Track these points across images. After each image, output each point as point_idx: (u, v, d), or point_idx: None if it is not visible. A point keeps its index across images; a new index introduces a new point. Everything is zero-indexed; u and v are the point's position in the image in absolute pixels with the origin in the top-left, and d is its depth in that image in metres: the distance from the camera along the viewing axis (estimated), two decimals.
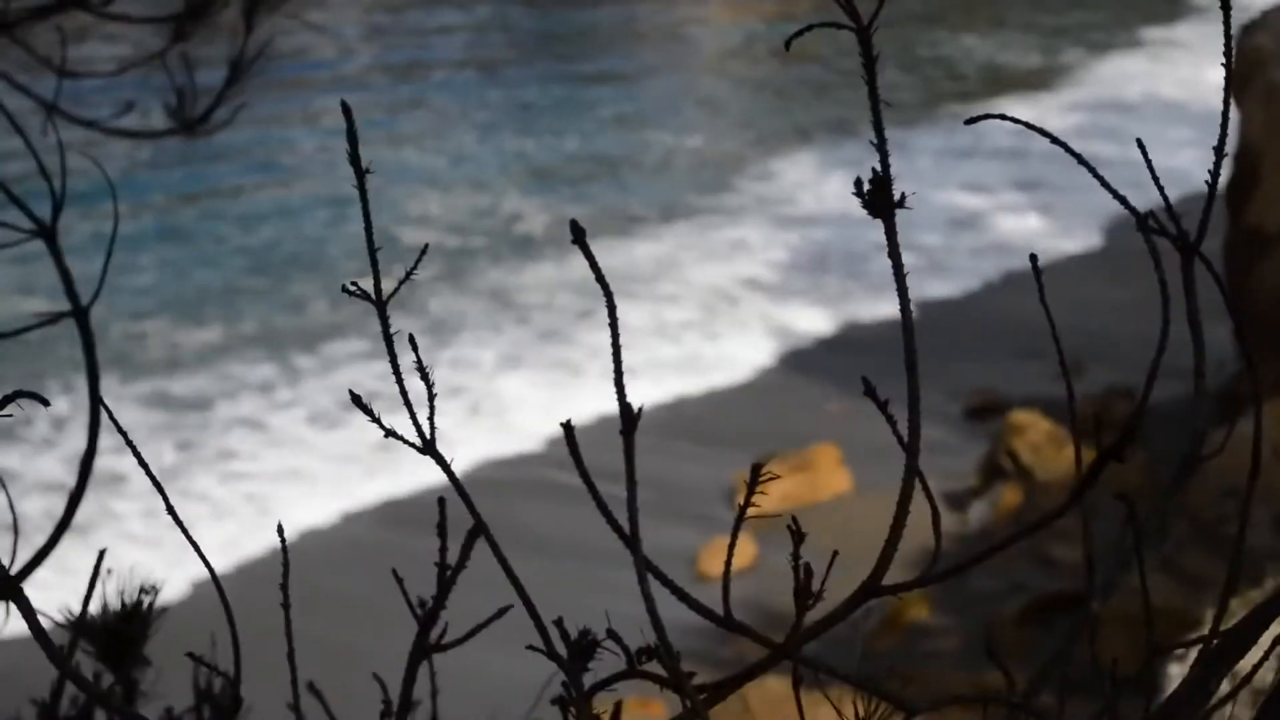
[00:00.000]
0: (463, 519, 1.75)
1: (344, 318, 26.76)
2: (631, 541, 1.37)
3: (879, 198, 1.56)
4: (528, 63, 46.29)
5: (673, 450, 21.75)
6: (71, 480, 2.15)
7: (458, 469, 1.63)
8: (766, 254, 30.62)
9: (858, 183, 1.57)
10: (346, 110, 1.53)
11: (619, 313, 1.53)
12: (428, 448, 1.58)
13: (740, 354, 25.74)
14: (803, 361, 25.31)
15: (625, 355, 1.54)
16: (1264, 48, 21.44)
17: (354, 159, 1.50)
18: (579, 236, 1.58)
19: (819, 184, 34.61)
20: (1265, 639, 1.71)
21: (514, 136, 38.65)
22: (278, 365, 25.36)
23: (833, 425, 22.18)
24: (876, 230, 1.65)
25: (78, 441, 22.16)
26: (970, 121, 1.65)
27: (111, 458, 20.19)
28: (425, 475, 19.20)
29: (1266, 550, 14.00)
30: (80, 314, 1.91)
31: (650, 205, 33.61)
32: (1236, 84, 21.59)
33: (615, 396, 1.49)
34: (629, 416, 1.42)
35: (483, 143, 38.21)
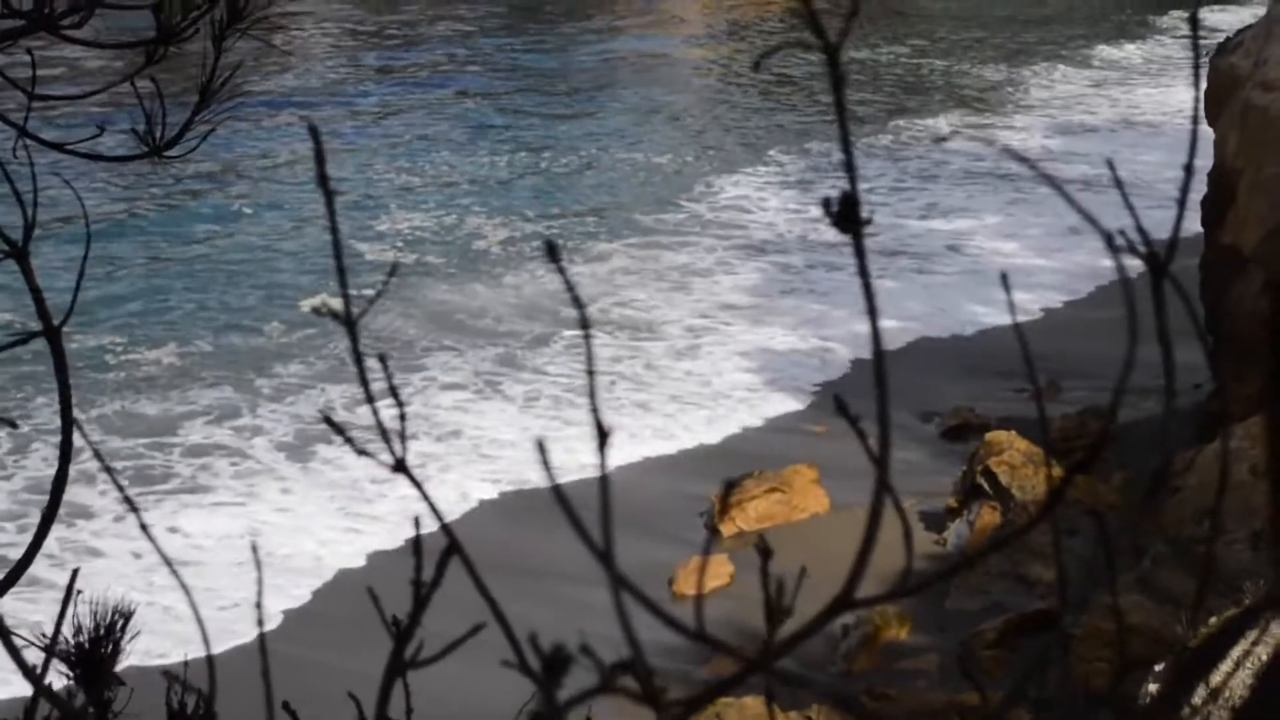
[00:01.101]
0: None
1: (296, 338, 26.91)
2: (605, 557, 1.37)
3: (847, 216, 1.57)
4: (504, 87, 46.52)
5: (652, 471, 21.79)
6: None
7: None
8: (736, 268, 30.79)
9: (825, 202, 1.58)
10: (314, 132, 1.53)
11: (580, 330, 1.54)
12: (399, 466, 1.59)
13: (716, 375, 25.76)
14: (783, 382, 25.33)
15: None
16: (1239, 67, 21.52)
17: (321, 179, 1.50)
18: (555, 257, 1.59)
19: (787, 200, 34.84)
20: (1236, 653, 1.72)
21: (487, 155, 38.94)
22: (239, 389, 25.23)
23: (814, 445, 22.23)
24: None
25: (36, 467, 21.86)
26: (939, 140, 1.66)
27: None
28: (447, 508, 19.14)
29: (1245, 568, 14.02)
30: (52, 334, 1.91)
31: (614, 222, 33.82)
32: (1211, 104, 21.69)
33: (590, 413, 1.50)
34: (602, 433, 1.43)
35: (455, 162, 38.45)
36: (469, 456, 22.73)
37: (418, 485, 1.58)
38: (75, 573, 1.87)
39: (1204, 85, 21.94)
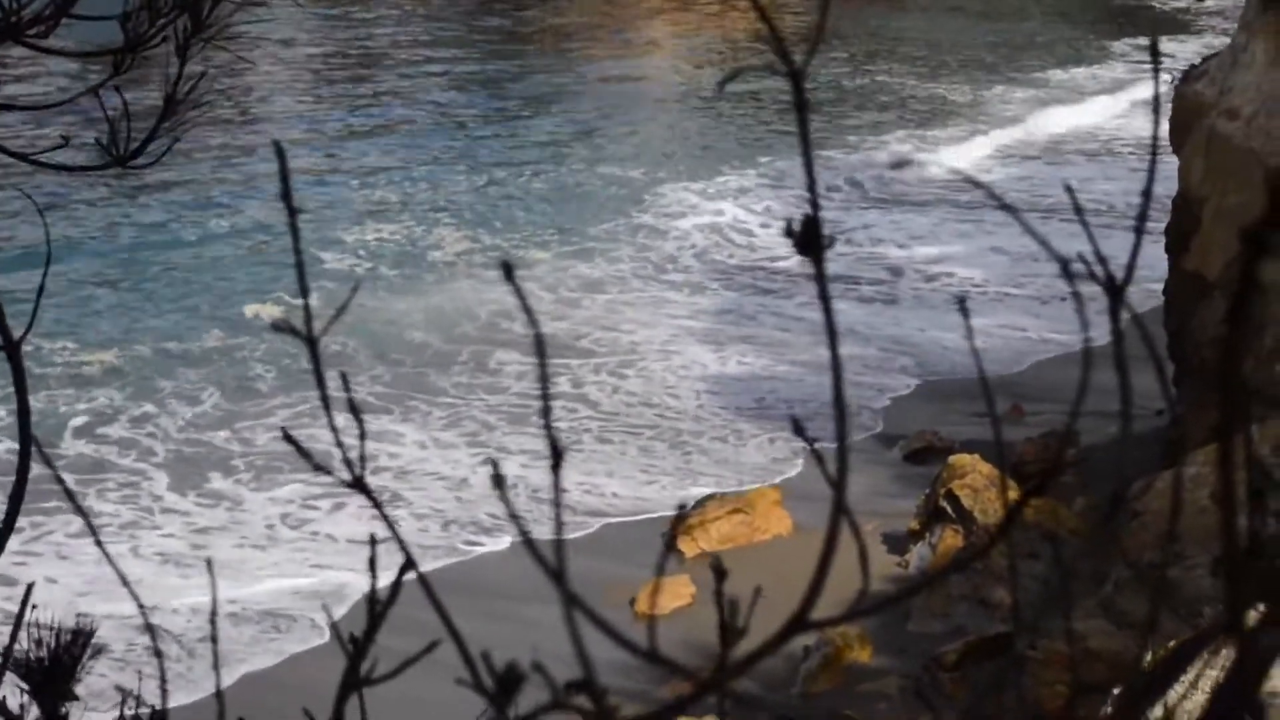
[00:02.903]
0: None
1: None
2: (558, 576, 1.38)
3: (809, 240, 1.58)
4: (478, 110, 46.74)
5: (615, 493, 21.77)
6: None
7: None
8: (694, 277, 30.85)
9: (787, 224, 1.58)
10: (279, 150, 1.54)
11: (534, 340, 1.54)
12: (356, 482, 1.59)
13: (673, 395, 25.75)
14: (743, 403, 25.34)
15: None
16: (1203, 95, 21.64)
17: (285, 197, 1.51)
18: (509, 275, 1.59)
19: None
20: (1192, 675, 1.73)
21: (463, 174, 39.19)
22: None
23: (778, 467, 22.28)
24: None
25: None
26: (896, 167, 1.67)
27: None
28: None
29: (1205, 594, 14.07)
30: (12, 349, 1.91)
31: (571, 238, 33.99)
32: (1175, 131, 21.81)
33: (544, 431, 1.50)
34: (556, 452, 1.43)
35: (432, 177, 38.75)
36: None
37: (375, 502, 1.59)
38: (30, 588, 1.86)
39: (1166, 112, 22.07)
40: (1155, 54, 2.13)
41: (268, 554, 20.15)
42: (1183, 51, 45.72)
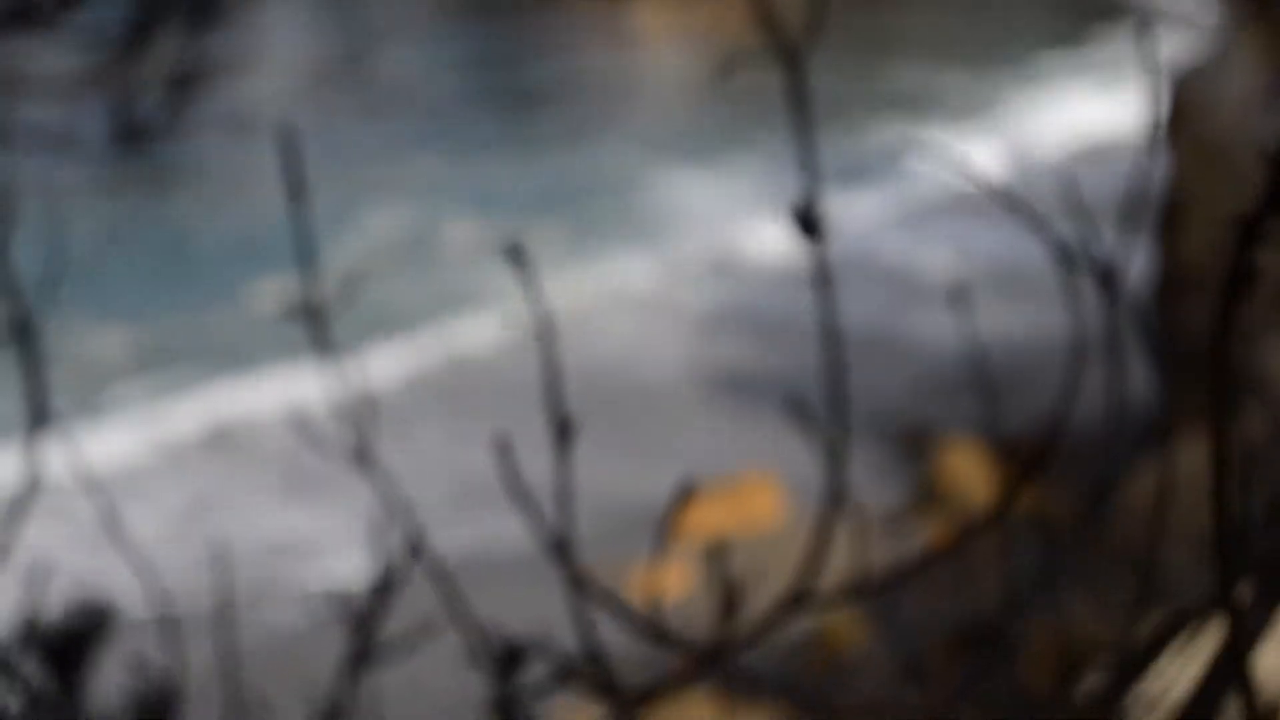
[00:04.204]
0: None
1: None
2: (562, 554, 1.41)
3: (809, 223, 1.61)
4: (473, 103, 46.63)
5: (615, 478, 21.74)
6: None
7: None
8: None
9: (790, 209, 1.61)
10: (286, 133, 1.56)
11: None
12: (360, 457, 1.62)
13: (664, 382, 25.68)
14: (733, 392, 25.30)
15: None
16: (1192, 93, 21.69)
17: (291, 182, 1.53)
18: (518, 259, 1.62)
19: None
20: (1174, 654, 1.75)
21: (478, 165, 39.13)
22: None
23: (773, 455, 22.24)
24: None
25: None
26: (893, 156, 1.69)
27: None
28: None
29: (1188, 580, 14.11)
30: (27, 332, 1.92)
31: (563, 222, 33.91)
32: (1168, 127, 21.82)
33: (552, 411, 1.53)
34: (565, 430, 1.46)
35: (448, 173, 38.70)
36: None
37: (381, 479, 1.61)
38: (42, 566, 1.88)
39: (1161, 105, 22.08)
40: (1147, 48, 2.16)
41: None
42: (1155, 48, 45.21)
